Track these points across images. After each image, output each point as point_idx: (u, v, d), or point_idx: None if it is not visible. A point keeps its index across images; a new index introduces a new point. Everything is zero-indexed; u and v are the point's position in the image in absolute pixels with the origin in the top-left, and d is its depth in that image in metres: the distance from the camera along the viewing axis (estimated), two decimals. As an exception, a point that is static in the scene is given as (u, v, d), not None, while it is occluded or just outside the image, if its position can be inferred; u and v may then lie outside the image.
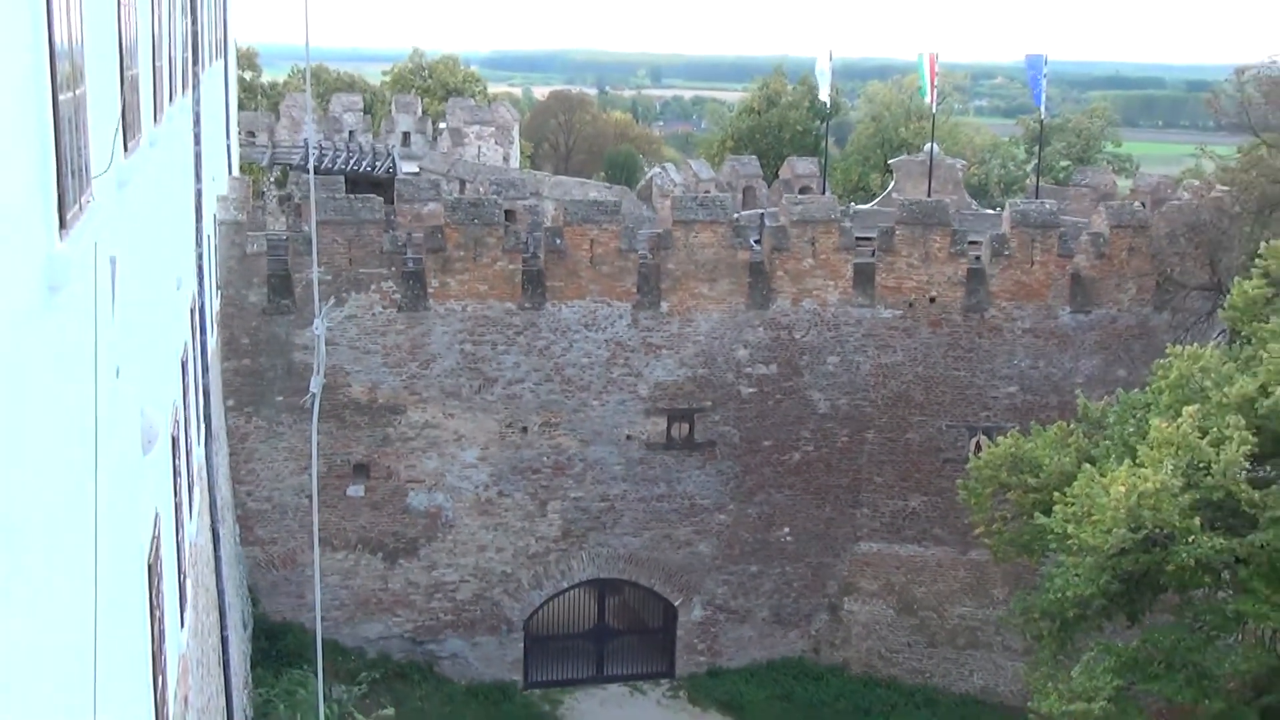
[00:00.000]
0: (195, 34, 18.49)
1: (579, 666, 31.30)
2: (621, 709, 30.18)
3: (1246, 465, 21.25)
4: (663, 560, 30.84)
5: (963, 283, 30.78)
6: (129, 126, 9.89)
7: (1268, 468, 22.05)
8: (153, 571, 10.14)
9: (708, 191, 36.68)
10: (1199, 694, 22.08)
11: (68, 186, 6.56)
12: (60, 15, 6.25)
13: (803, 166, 46.66)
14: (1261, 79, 31.94)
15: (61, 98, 6.32)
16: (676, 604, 31.22)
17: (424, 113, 67.34)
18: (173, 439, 12.72)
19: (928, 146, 43.20)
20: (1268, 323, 22.85)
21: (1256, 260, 23.96)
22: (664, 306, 29.69)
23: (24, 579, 5.45)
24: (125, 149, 9.56)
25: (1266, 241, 23.99)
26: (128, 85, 9.83)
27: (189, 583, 13.87)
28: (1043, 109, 44.22)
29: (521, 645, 30.53)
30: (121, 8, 9.31)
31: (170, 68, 14.73)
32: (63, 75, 6.33)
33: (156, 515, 10.70)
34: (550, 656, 31.07)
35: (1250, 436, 20.95)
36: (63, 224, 6.41)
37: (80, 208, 6.96)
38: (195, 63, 18.35)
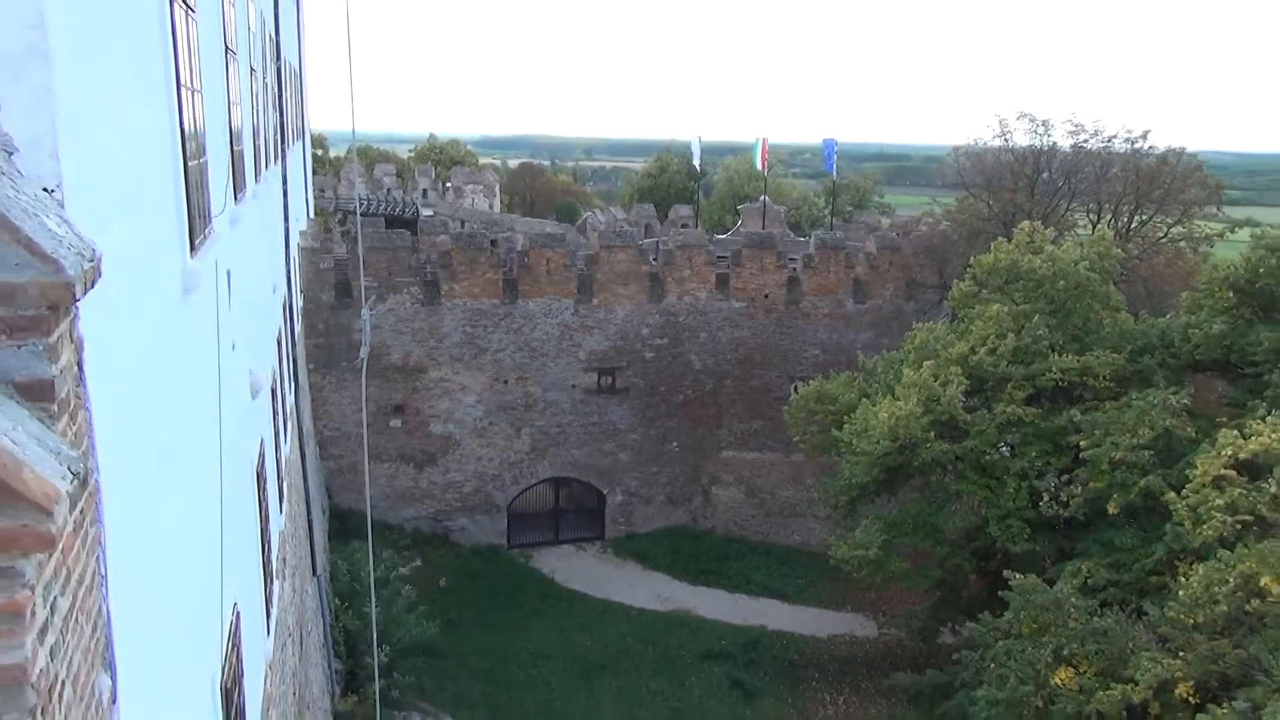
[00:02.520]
0: (282, 123, 17.93)
1: (543, 533, 31.22)
2: (571, 561, 30.19)
3: (961, 398, 21.80)
4: (596, 464, 30.85)
5: (785, 285, 31.02)
6: (238, 184, 9.60)
7: (975, 400, 22.61)
8: (260, 477, 9.93)
9: (622, 227, 36.55)
10: (934, 542, 22.67)
11: (196, 223, 6.38)
12: (188, 110, 6.08)
13: (683, 211, 46.72)
14: (968, 154, 32.56)
15: (190, 164, 6.14)
16: (605, 492, 31.27)
17: (436, 176, 66.06)
18: (272, 390, 12.43)
19: (762, 198, 43.41)
20: (974, 309, 23.40)
21: (967, 269, 24.46)
22: (595, 301, 29.55)
23: (176, 483, 5.36)
24: (235, 198, 9.28)
25: (973, 257, 24.50)
26: (236, 157, 9.55)
27: (285, 484, 13.59)
28: (834, 174, 44.48)
29: (506, 521, 30.41)
30: (230, 105, 9.01)
31: (265, 145, 14.30)
32: (191, 150, 6.16)
33: (262, 440, 10.47)
34: (524, 527, 30.97)
35: (964, 380, 21.48)
36: (193, 248, 6.24)
37: (205, 237, 6.77)
38: (282, 142, 17.79)
